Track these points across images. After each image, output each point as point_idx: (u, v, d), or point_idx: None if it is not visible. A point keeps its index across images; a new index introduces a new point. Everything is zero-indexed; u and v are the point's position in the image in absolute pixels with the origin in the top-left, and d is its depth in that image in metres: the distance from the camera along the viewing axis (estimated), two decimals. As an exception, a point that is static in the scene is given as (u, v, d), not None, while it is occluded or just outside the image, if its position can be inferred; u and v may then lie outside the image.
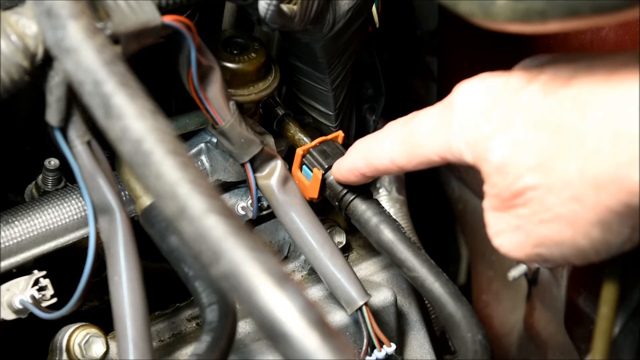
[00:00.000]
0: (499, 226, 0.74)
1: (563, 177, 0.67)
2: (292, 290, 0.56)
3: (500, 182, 0.71)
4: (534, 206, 0.70)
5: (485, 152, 0.71)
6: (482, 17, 0.67)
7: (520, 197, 0.70)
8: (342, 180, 0.88)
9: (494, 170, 0.71)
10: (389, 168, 0.81)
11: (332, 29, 0.87)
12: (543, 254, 0.72)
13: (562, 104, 0.67)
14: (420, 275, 0.87)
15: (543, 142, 0.68)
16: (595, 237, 0.68)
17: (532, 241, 0.72)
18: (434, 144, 0.76)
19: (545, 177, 0.68)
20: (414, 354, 0.98)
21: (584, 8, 0.62)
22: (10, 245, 0.81)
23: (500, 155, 0.70)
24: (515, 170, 0.69)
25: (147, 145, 0.61)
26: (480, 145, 0.72)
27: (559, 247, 0.70)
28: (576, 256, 0.71)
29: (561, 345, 1.12)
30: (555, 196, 0.68)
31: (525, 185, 0.69)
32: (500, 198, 0.72)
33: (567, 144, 0.66)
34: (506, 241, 0.74)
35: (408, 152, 0.78)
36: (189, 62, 0.79)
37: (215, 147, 0.91)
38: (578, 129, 0.66)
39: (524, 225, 0.71)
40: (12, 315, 0.81)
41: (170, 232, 0.79)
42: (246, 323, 0.91)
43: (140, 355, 0.74)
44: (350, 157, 0.86)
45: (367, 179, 0.86)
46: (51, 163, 0.86)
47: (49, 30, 0.66)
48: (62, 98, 0.72)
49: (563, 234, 0.69)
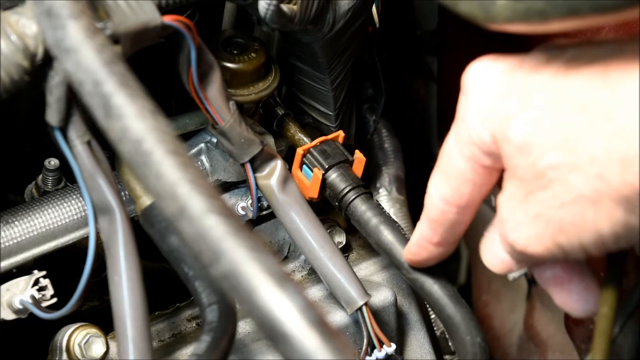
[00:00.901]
0: (516, 219, 0.71)
1: (588, 154, 0.65)
2: (292, 290, 0.56)
3: (521, 162, 0.69)
4: (555, 187, 0.67)
5: (506, 132, 0.69)
6: (482, 17, 0.67)
7: (542, 178, 0.68)
8: (416, 261, 0.84)
9: (515, 150, 0.69)
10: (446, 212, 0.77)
11: (332, 29, 0.87)
12: (562, 243, 0.69)
13: (590, 81, 0.65)
14: (419, 277, 0.87)
15: (567, 120, 0.66)
16: (618, 218, 0.66)
17: (552, 230, 0.69)
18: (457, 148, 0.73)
19: (568, 154, 0.66)
20: (414, 354, 0.98)
21: (584, 8, 0.62)
22: (10, 245, 0.81)
23: (522, 133, 0.68)
24: (537, 148, 0.67)
25: (147, 145, 0.61)
26: (500, 126, 0.69)
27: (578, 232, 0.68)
28: (596, 244, 0.68)
29: (561, 345, 1.12)
30: (578, 174, 0.66)
31: (548, 164, 0.67)
32: (522, 181, 0.69)
33: (593, 121, 0.65)
34: (523, 234, 0.71)
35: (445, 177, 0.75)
36: (189, 62, 0.79)
37: (215, 147, 0.91)
38: (606, 107, 0.64)
39: (543, 212, 0.69)
40: (12, 315, 0.81)
41: (170, 232, 0.79)
42: (246, 323, 0.91)
43: (140, 355, 0.74)
44: (414, 234, 0.82)
45: (440, 250, 0.81)
46: (51, 163, 0.86)
47: (49, 30, 0.66)
48: (62, 98, 0.72)
49: (585, 217, 0.67)
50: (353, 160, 0.93)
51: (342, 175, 0.91)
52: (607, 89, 0.65)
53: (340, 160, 0.92)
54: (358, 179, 0.92)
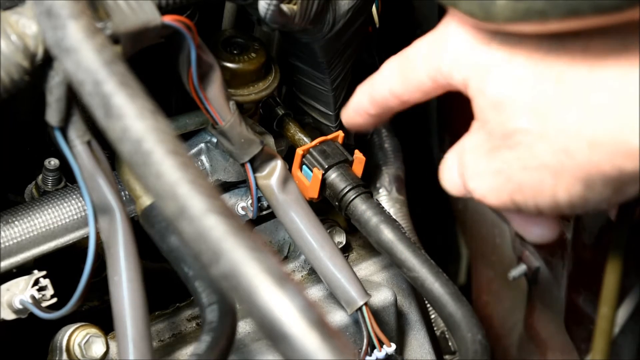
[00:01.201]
0: (478, 168, 0.71)
1: (559, 127, 0.65)
2: (292, 290, 0.56)
3: (493, 118, 0.68)
4: (520, 151, 0.67)
5: (482, 83, 0.69)
6: (482, 17, 0.67)
7: (509, 139, 0.68)
8: (350, 123, 0.84)
9: (489, 105, 0.68)
10: (389, 100, 0.78)
11: (332, 29, 0.87)
12: (518, 201, 0.70)
13: (571, 52, 0.65)
14: (420, 275, 0.87)
15: (545, 87, 0.66)
16: (576, 192, 0.66)
17: (510, 187, 0.69)
18: (425, 67, 0.73)
19: (540, 122, 0.66)
20: (414, 354, 0.98)
21: (584, 8, 0.62)
22: (10, 245, 0.81)
23: (499, 89, 0.68)
24: (511, 108, 0.67)
25: (147, 145, 0.61)
26: (476, 73, 0.69)
27: (535, 195, 0.68)
28: (550, 208, 0.69)
29: (561, 345, 1.12)
30: (546, 144, 0.66)
31: (518, 127, 0.67)
32: (489, 136, 0.69)
33: (570, 94, 0.65)
34: (483, 184, 0.71)
35: (403, 77, 0.76)
36: (189, 62, 0.79)
37: (215, 147, 0.91)
38: (584, 82, 0.64)
39: (505, 170, 0.69)
40: (12, 315, 0.81)
41: (170, 232, 0.79)
42: (246, 323, 0.91)
43: (140, 355, 0.74)
44: (354, 96, 0.82)
45: (373, 120, 0.82)
46: (51, 163, 0.86)
47: (49, 30, 0.66)
48: (62, 98, 0.72)
49: (544, 183, 0.67)
50: (353, 160, 0.93)
51: (342, 175, 0.91)
52: (587, 63, 0.65)
53: (340, 160, 0.92)
54: (358, 178, 0.92)
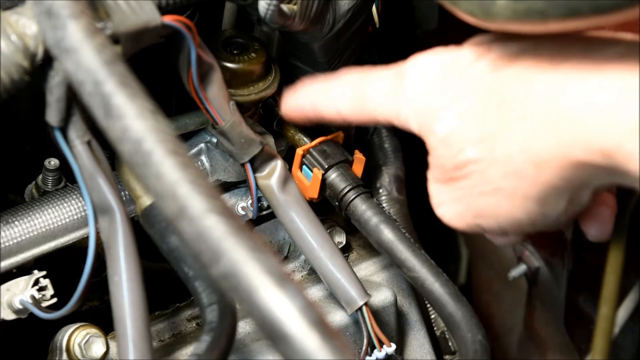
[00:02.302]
0: (441, 197, 0.76)
1: (505, 152, 0.68)
2: (292, 290, 0.56)
3: (444, 153, 0.72)
4: (475, 179, 0.71)
5: (432, 123, 0.73)
6: (482, 17, 0.67)
7: (462, 170, 0.72)
8: (287, 116, 0.88)
9: (438, 142, 0.72)
10: (334, 118, 0.82)
11: (332, 29, 0.87)
12: (482, 224, 0.74)
13: (508, 79, 0.69)
14: (420, 275, 0.87)
15: (488, 116, 0.69)
16: (533, 210, 0.70)
17: (472, 212, 0.74)
18: (383, 107, 0.77)
19: (487, 151, 0.69)
20: (414, 354, 0.98)
21: (584, 8, 0.62)
22: (10, 245, 0.81)
23: (446, 127, 0.71)
24: (459, 143, 0.71)
25: (147, 145, 0.61)
26: (428, 117, 0.73)
27: (496, 218, 0.73)
28: (513, 227, 0.73)
29: (561, 345, 1.12)
30: (496, 170, 0.69)
31: (468, 158, 0.71)
32: (443, 169, 0.73)
33: (510, 119, 0.68)
34: (448, 212, 0.76)
35: (356, 107, 0.80)
36: (189, 62, 0.79)
37: (215, 147, 0.91)
38: (522, 105, 0.67)
39: (464, 197, 0.73)
40: (12, 315, 0.81)
41: (170, 232, 0.79)
42: (246, 323, 0.91)
43: (140, 355, 0.74)
44: (298, 98, 0.86)
45: (309, 123, 0.87)
46: (51, 163, 0.86)
47: (49, 30, 0.66)
48: (62, 98, 0.72)
49: (501, 206, 0.71)
50: (353, 160, 0.93)
51: (342, 175, 0.91)
52: (523, 87, 0.67)
53: (340, 160, 0.92)
54: (358, 178, 0.92)
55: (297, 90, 0.86)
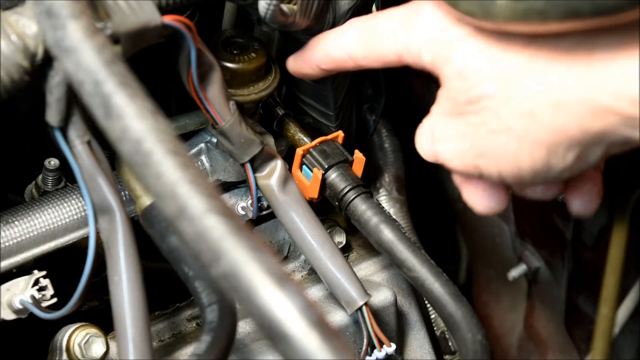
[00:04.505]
0: (445, 132, 0.73)
1: (524, 91, 0.67)
2: (292, 290, 0.56)
3: (458, 86, 0.71)
4: (486, 115, 0.69)
5: (449, 53, 0.71)
6: (482, 17, 0.67)
7: (475, 104, 0.70)
8: (295, 70, 0.87)
9: (454, 73, 0.71)
10: (345, 61, 0.81)
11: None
12: (481, 166, 0.72)
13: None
14: (420, 275, 0.87)
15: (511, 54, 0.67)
16: (539, 157, 0.68)
17: (475, 151, 0.71)
18: (393, 42, 0.76)
19: (504, 88, 0.67)
20: (414, 354, 0.98)
21: (584, 9, 0.62)
22: (10, 245, 0.81)
23: (465, 58, 0.70)
24: (476, 75, 0.69)
25: (147, 145, 0.61)
26: (444, 48, 0.71)
27: (499, 160, 0.70)
28: (513, 174, 0.70)
29: (561, 345, 1.12)
30: (510, 108, 0.68)
31: (483, 93, 0.69)
32: (454, 102, 0.71)
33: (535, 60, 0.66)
34: (449, 148, 0.73)
35: (366, 46, 0.78)
36: (189, 62, 0.79)
37: (215, 147, 0.91)
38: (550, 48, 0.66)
39: (471, 133, 0.71)
40: (12, 315, 0.81)
41: (170, 232, 0.79)
42: (246, 323, 0.91)
43: (140, 355, 0.74)
44: (307, 47, 0.85)
45: (322, 73, 0.85)
46: (51, 163, 0.86)
47: (49, 30, 0.66)
48: (62, 98, 0.72)
49: (508, 147, 0.69)
50: (353, 160, 0.93)
51: (342, 175, 0.91)
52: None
53: (339, 160, 0.92)
54: (358, 178, 0.92)
55: (308, 43, 0.85)
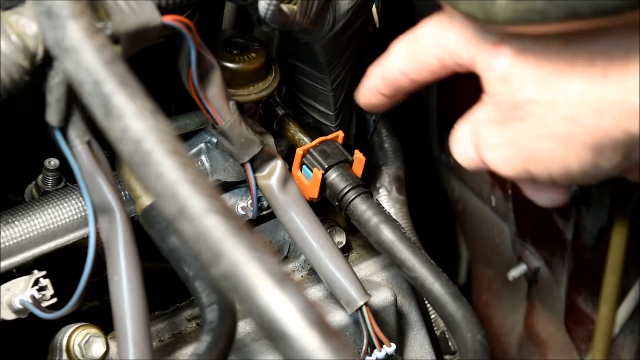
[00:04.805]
0: (493, 140, 0.73)
1: (566, 96, 0.67)
2: (292, 290, 0.56)
3: (502, 91, 0.70)
4: (531, 121, 0.69)
5: (490, 58, 0.70)
6: (482, 17, 0.67)
7: (520, 110, 0.69)
8: (365, 104, 0.85)
9: (497, 78, 0.70)
10: (399, 79, 0.80)
11: (332, 29, 0.87)
12: (531, 170, 0.71)
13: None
14: (420, 275, 0.87)
15: (551, 57, 0.67)
16: (586, 159, 0.68)
17: (523, 157, 0.71)
18: (432, 44, 0.75)
19: (547, 93, 0.67)
20: (414, 354, 0.98)
21: (585, 9, 0.62)
22: (10, 245, 0.81)
23: (507, 63, 0.69)
24: (519, 81, 0.69)
25: (147, 145, 0.61)
26: (483, 51, 0.71)
27: (548, 165, 0.70)
28: (563, 176, 0.70)
29: (561, 345, 1.12)
30: (554, 114, 0.67)
31: (527, 98, 0.69)
32: (500, 108, 0.71)
33: (575, 61, 0.66)
34: (498, 155, 0.73)
35: (410, 56, 0.78)
36: (189, 62, 0.79)
37: (215, 147, 0.91)
38: (589, 49, 0.65)
39: (518, 139, 0.71)
40: (12, 315, 0.81)
41: (170, 232, 0.79)
42: (246, 323, 0.91)
43: (140, 355, 0.74)
44: (368, 77, 0.84)
45: (387, 100, 0.83)
46: (51, 163, 0.86)
47: (49, 30, 0.66)
48: (62, 98, 0.72)
49: (555, 152, 0.69)
50: (353, 160, 0.93)
51: (342, 175, 0.91)
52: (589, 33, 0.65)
53: (339, 160, 0.92)
54: (358, 178, 0.92)
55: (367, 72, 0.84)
